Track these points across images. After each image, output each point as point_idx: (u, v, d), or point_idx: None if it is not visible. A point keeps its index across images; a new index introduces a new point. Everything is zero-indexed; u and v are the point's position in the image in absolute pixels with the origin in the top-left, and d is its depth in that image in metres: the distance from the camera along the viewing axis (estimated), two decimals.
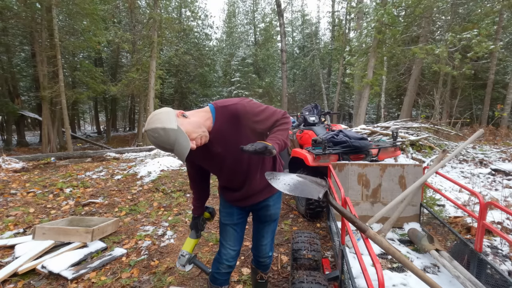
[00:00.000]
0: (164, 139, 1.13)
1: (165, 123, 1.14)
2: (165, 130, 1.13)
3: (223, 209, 1.60)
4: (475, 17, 9.73)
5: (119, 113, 30.25)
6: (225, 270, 1.55)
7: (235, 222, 1.57)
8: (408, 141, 6.10)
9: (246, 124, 1.31)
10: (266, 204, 1.56)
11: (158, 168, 5.93)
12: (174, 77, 20.17)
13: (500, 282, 1.48)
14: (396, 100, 19.31)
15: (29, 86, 17.77)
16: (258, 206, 1.57)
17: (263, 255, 1.67)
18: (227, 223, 1.57)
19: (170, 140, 1.13)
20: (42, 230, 2.89)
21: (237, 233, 1.58)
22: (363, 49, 10.36)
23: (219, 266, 1.55)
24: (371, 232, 1.27)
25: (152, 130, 1.13)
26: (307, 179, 1.35)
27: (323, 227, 3.26)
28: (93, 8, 11.08)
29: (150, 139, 1.15)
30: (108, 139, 18.76)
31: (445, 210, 3.19)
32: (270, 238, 1.66)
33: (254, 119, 1.31)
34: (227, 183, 1.53)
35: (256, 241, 1.67)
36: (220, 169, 1.43)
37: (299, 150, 3.29)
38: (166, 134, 1.12)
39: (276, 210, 1.60)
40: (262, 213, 1.58)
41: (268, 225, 1.62)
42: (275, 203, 1.59)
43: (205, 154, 1.37)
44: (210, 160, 1.41)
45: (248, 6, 25.34)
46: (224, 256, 1.54)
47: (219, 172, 1.49)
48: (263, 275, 1.74)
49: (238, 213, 1.58)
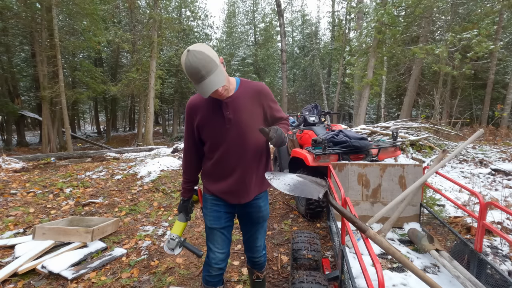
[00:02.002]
0: (204, 64, 1.15)
1: (212, 54, 1.19)
2: (209, 58, 1.17)
3: (210, 212, 1.53)
4: (475, 17, 9.72)
5: (119, 113, 30.28)
6: (216, 273, 1.53)
7: (223, 225, 1.52)
8: (408, 141, 6.10)
9: (262, 104, 1.43)
10: (258, 205, 1.55)
11: (158, 168, 5.93)
12: (174, 77, 20.17)
13: (500, 282, 1.48)
14: (396, 100, 19.32)
15: (29, 86, 17.79)
16: (250, 207, 1.54)
17: (258, 255, 1.67)
18: (215, 227, 1.52)
19: (208, 68, 1.16)
20: (42, 230, 2.89)
21: (225, 236, 1.54)
22: (363, 49, 10.36)
23: (209, 269, 1.53)
24: (371, 232, 1.27)
25: (197, 51, 1.15)
26: (307, 179, 1.35)
27: (323, 227, 3.26)
28: (93, 8, 11.08)
29: (189, 58, 1.14)
30: (108, 139, 18.77)
31: (445, 210, 3.19)
32: (263, 238, 1.67)
33: (270, 103, 1.47)
34: (219, 163, 1.44)
35: (250, 244, 1.65)
36: (222, 138, 1.39)
37: (299, 150, 3.29)
38: (208, 62, 1.16)
39: (267, 210, 1.62)
40: (255, 215, 1.56)
41: (261, 227, 1.62)
42: (265, 204, 1.60)
43: (216, 114, 1.37)
44: (217, 123, 1.37)
45: (248, 6, 25.35)
46: (213, 260, 1.52)
47: (218, 143, 1.40)
48: (259, 274, 1.74)
49: (226, 217, 1.53)
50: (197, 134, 1.46)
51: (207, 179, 1.54)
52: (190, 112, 1.43)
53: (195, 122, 1.42)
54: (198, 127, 1.43)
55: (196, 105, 1.41)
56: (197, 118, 1.41)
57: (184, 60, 1.17)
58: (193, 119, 1.42)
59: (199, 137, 1.47)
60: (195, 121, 1.42)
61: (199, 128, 1.43)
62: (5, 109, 12.76)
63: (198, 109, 1.40)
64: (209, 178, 1.52)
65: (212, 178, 1.51)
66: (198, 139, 1.48)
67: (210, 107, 1.38)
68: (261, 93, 1.43)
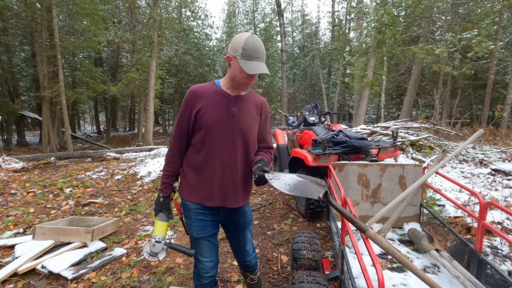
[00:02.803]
0: (263, 50, 1.33)
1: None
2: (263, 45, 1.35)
3: (195, 222, 1.45)
4: (475, 17, 9.72)
5: (119, 113, 30.27)
6: (207, 281, 1.50)
7: (210, 233, 1.47)
8: (408, 141, 6.10)
9: (262, 114, 1.52)
10: (244, 211, 1.54)
11: (158, 168, 5.93)
12: (174, 77, 20.17)
13: (500, 282, 1.48)
14: (396, 100, 19.32)
15: (29, 86, 17.78)
16: (236, 214, 1.52)
17: (248, 259, 1.66)
18: (202, 236, 1.46)
19: (264, 55, 1.33)
20: (42, 230, 2.89)
21: (212, 243, 1.50)
22: (363, 49, 10.36)
23: (200, 279, 1.49)
24: (371, 232, 1.27)
25: (257, 38, 1.32)
26: (307, 179, 1.35)
27: (323, 227, 3.26)
28: (93, 8, 11.08)
29: (255, 38, 1.30)
30: (108, 139, 18.77)
31: (445, 210, 3.19)
32: (251, 241, 1.66)
33: (267, 119, 1.57)
34: (210, 155, 1.39)
35: (239, 249, 1.63)
36: (221, 130, 1.38)
37: (299, 150, 3.29)
38: (264, 52, 1.34)
39: (251, 214, 1.63)
40: (241, 220, 1.55)
41: (248, 231, 1.61)
42: (249, 208, 1.60)
43: (221, 106, 1.39)
44: (220, 114, 1.38)
45: (248, 6, 25.36)
46: (202, 270, 1.48)
47: (215, 133, 1.37)
48: (253, 276, 1.72)
49: (212, 224, 1.48)
50: (193, 122, 1.40)
51: (191, 177, 1.44)
52: (191, 97, 1.39)
53: (195, 108, 1.38)
54: (197, 113, 1.38)
55: (200, 92, 1.40)
56: (199, 104, 1.38)
57: (247, 37, 1.29)
58: (194, 105, 1.38)
59: (193, 125, 1.41)
60: (195, 107, 1.38)
61: (198, 114, 1.37)
62: (5, 109, 12.76)
63: (202, 96, 1.39)
64: (195, 172, 1.43)
65: (198, 174, 1.42)
66: (191, 128, 1.42)
67: (216, 98, 1.39)
68: (264, 106, 1.53)
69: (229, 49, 1.35)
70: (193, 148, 1.44)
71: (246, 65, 1.27)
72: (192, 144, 1.45)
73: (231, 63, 1.34)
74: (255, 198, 4.30)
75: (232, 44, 1.33)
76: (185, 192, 1.47)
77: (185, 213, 1.50)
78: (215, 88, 1.42)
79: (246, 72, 1.27)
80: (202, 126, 1.38)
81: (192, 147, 1.45)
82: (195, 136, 1.42)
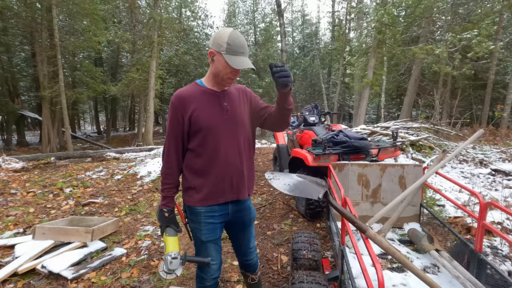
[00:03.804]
0: (245, 42, 1.34)
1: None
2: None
3: (205, 226, 1.41)
4: (475, 17, 9.72)
5: (119, 113, 30.25)
6: (211, 283, 1.50)
7: (218, 236, 1.46)
8: (408, 141, 6.10)
9: (249, 99, 1.52)
10: (249, 207, 1.55)
11: (158, 168, 5.93)
12: (174, 77, 20.16)
13: (500, 282, 1.48)
14: (396, 100, 19.32)
15: (29, 86, 17.76)
16: (243, 210, 1.51)
17: (251, 256, 1.66)
18: (210, 239, 1.44)
19: (247, 49, 1.35)
20: (42, 230, 2.89)
21: (218, 246, 1.49)
22: (363, 49, 10.36)
23: (204, 281, 1.48)
24: (371, 232, 1.27)
25: (240, 33, 1.34)
26: (307, 179, 1.35)
27: (323, 227, 3.26)
28: (93, 8, 11.09)
29: (238, 34, 1.30)
30: (108, 139, 18.76)
31: (445, 210, 3.19)
32: (254, 238, 1.67)
33: (254, 97, 1.56)
34: (216, 155, 1.37)
35: (243, 248, 1.62)
36: (220, 128, 1.37)
37: (299, 150, 3.29)
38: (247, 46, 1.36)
39: (255, 210, 1.64)
40: (247, 217, 1.55)
41: (252, 227, 1.63)
42: (251, 204, 1.61)
43: (213, 104, 1.39)
44: (215, 112, 1.37)
45: (248, 6, 25.31)
46: (208, 273, 1.47)
47: (215, 134, 1.35)
48: (253, 276, 1.72)
49: (220, 227, 1.47)
50: (187, 127, 1.36)
51: (198, 182, 1.39)
52: (180, 103, 1.34)
53: (187, 113, 1.33)
54: (191, 117, 1.34)
55: (187, 96, 1.36)
56: (190, 108, 1.34)
57: (230, 32, 1.29)
58: (184, 110, 1.34)
59: (188, 131, 1.37)
60: (186, 112, 1.34)
61: (192, 118, 1.33)
62: (5, 109, 12.77)
63: (191, 100, 1.35)
64: (201, 176, 1.38)
65: (205, 176, 1.38)
66: (186, 134, 1.37)
67: (205, 98, 1.38)
68: (246, 91, 1.53)
69: (211, 44, 1.32)
70: (193, 153, 1.39)
71: (232, 60, 1.27)
72: (190, 150, 1.40)
73: (215, 59, 1.32)
74: (255, 198, 4.30)
75: (214, 39, 1.30)
76: (193, 199, 1.41)
77: (191, 218, 1.45)
78: (200, 88, 1.40)
79: (232, 67, 1.27)
80: (200, 129, 1.34)
81: (191, 152, 1.40)
82: (193, 141, 1.38)
